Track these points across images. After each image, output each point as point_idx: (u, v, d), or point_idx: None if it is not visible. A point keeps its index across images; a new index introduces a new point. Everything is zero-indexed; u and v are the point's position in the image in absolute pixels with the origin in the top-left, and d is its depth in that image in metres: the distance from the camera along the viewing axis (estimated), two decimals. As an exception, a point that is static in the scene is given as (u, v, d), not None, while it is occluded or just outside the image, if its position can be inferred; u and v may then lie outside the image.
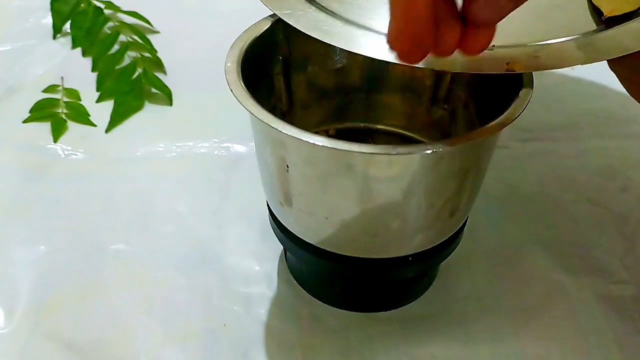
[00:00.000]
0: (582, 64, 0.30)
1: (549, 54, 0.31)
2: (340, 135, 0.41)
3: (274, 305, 0.38)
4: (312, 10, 0.33)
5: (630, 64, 0.30)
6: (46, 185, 0.45)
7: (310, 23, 0.32)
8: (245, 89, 0.30)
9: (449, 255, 0.36)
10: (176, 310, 0.38)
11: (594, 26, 0.33)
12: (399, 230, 0.32)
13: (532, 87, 0.30)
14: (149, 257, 0.41)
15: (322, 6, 0.34)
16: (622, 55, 0.30)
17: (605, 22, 0.32)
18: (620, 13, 0.32)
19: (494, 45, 0.31)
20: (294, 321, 0.37)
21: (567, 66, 0.30)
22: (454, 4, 0.27)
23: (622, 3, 0.32)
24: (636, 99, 0.33)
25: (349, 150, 0.27)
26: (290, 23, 0.32)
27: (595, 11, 0.33)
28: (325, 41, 0.31)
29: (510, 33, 0.32)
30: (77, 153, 0.48)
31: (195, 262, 0.41)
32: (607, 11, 0.33)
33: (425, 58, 0.26)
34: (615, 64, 0.32)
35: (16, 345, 0.36)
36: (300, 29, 0.32)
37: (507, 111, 0.29)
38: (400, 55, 0.26)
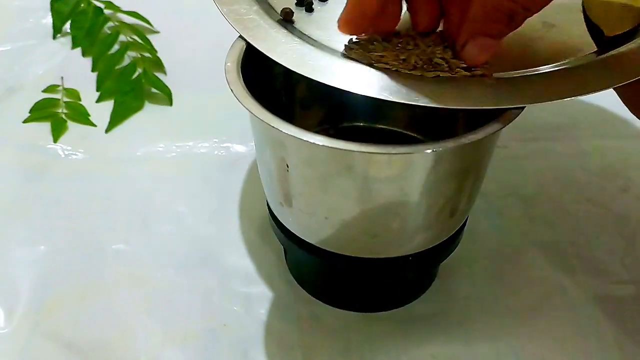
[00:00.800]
0: (591, 93, 0.29)
1: (553, 85, 0.29)
2: (340, 135, 0.41)
3: (274, 305, 0.38)
4: (295, 43, 0.32)
5: (633, 86, 0.29)
6: (46, 185, 0.45)
7: (295, 58, 0.31)
8: (245, 89, 0.30)
9: (449, 255, 0.36)
10: (176, 310, 0.38)
11: (593, 47, 0.32)
12: (399, 230, 0.32)
13: None
14: (149, 257, 0.41)
15: (305, 35, 0.33)
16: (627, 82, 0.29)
17: (606, 41, 0.31)
18: (621, 31, 0.31)
19: (488, 75, 0.30)
20: (294, 321, 0.37)
21: (576, 96, 0.29)
22: None
23: (620, 21, 0.32)
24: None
25: (349, 150, 0.27)
26: (274, 59, 0.31)
27: (594, 30, 0.32)
28: (313, 78, 0.30)
29: (504, 57, 0.31)
30: (77, 153, 0.48)
31: (195, 262, 0.41)
32: (608, 30, 0.31)
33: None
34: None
35: (16, 345, 0.36)
36: (285, 65, 0.31)
37: (507, 111, 0.29)
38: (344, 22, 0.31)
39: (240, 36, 0.33)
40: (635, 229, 0.43)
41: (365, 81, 0.30)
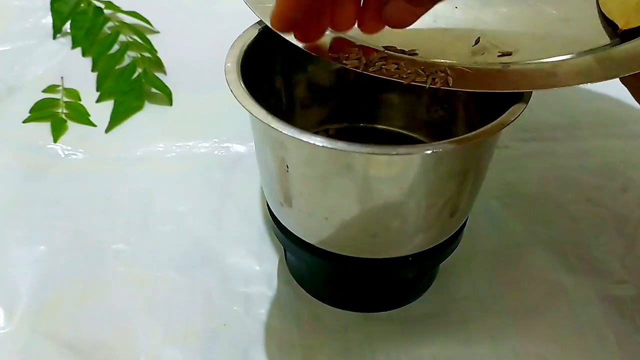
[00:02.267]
0: (602, 81, 0.29)
1: (566, 72, 0.30)
2: (340, 135, 0.41)
3: (274, 305, 0.38)
4: None
5: None
6: (46, 185, 0.45)
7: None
8: (245, 89, 0.30)
9: (449, 255, 0.36)
10: (176, 310, 0.38)
11: (607, 40, 0.32)
12: (399, 230, 0.32)
13: None
14: (149, 257, 0.41)
15: None
16: None
17: (620, 35, 0.32)
18: (636, 25, 0.31)
19: (508, 64, 0.31)
20: (294, 321, 0.38)
21: (587, 83, 0.29)
22: None
23: (635, 15, 0.32)
24: None
25: (348, 151, 0.27)
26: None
27: (609, 24, 0.32)
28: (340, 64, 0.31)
29: (521, 49, 0.32)
30: (77, 153, 0.48)
31: (195, 262, 0.41)
32: (622, 24, 0.31)
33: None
34: (627, 76, 0.31)
35: (16, 345, 0.36)
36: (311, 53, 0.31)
37: (508, 111, 0.29)
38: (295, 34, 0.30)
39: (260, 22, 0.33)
40: (635, 229, 0.43)
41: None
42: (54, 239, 0.42)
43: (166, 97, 0.53)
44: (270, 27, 0.30)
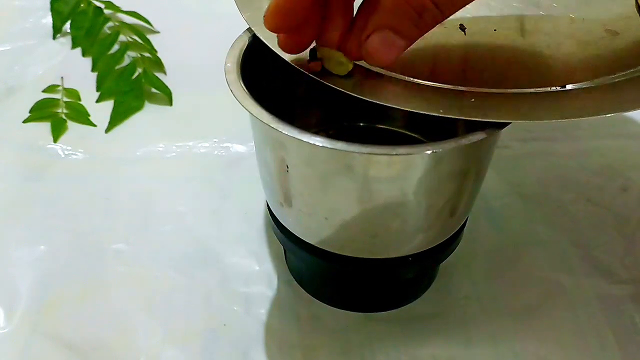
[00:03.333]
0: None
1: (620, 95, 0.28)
2: (340, 135, 0.41)
3: (274, 305, 0.38)
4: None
5: None
6: (46, 185, 0.45)
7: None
8: (245, 89, 0.30)
9: (449, 255, 0.36)
10: (176, 310, 0.38)
11: None
12: (398, 230, 0.32)
13: None
14: (149, 257, 0.41)
15: None
16: None
17: None
18: None
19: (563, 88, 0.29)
20: (294, 321, 0.38)
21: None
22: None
23: None
24: None
25: (348, 151, 0.27)
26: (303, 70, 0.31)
27: None
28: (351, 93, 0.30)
29: (571, 68, 0.31)
30: (77, 153, 0.48)
31: (195, 262, 0.41)
32: None
33: None
34: None
35: (16, 345, 0.36)
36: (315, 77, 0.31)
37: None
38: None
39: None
40: (635, 229, 0.43)
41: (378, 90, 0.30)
42: (54, 239, 0.42)
43: (166, 97, 0.53)
44: (257, 33, 0.30)
